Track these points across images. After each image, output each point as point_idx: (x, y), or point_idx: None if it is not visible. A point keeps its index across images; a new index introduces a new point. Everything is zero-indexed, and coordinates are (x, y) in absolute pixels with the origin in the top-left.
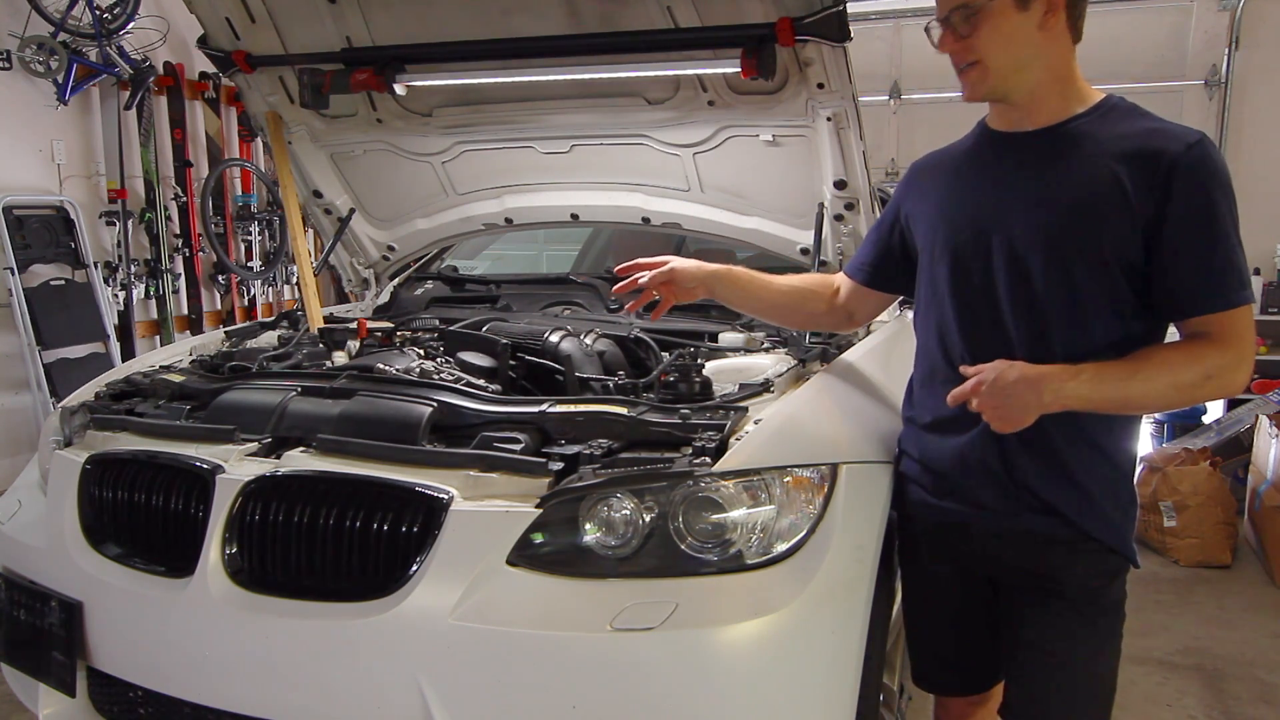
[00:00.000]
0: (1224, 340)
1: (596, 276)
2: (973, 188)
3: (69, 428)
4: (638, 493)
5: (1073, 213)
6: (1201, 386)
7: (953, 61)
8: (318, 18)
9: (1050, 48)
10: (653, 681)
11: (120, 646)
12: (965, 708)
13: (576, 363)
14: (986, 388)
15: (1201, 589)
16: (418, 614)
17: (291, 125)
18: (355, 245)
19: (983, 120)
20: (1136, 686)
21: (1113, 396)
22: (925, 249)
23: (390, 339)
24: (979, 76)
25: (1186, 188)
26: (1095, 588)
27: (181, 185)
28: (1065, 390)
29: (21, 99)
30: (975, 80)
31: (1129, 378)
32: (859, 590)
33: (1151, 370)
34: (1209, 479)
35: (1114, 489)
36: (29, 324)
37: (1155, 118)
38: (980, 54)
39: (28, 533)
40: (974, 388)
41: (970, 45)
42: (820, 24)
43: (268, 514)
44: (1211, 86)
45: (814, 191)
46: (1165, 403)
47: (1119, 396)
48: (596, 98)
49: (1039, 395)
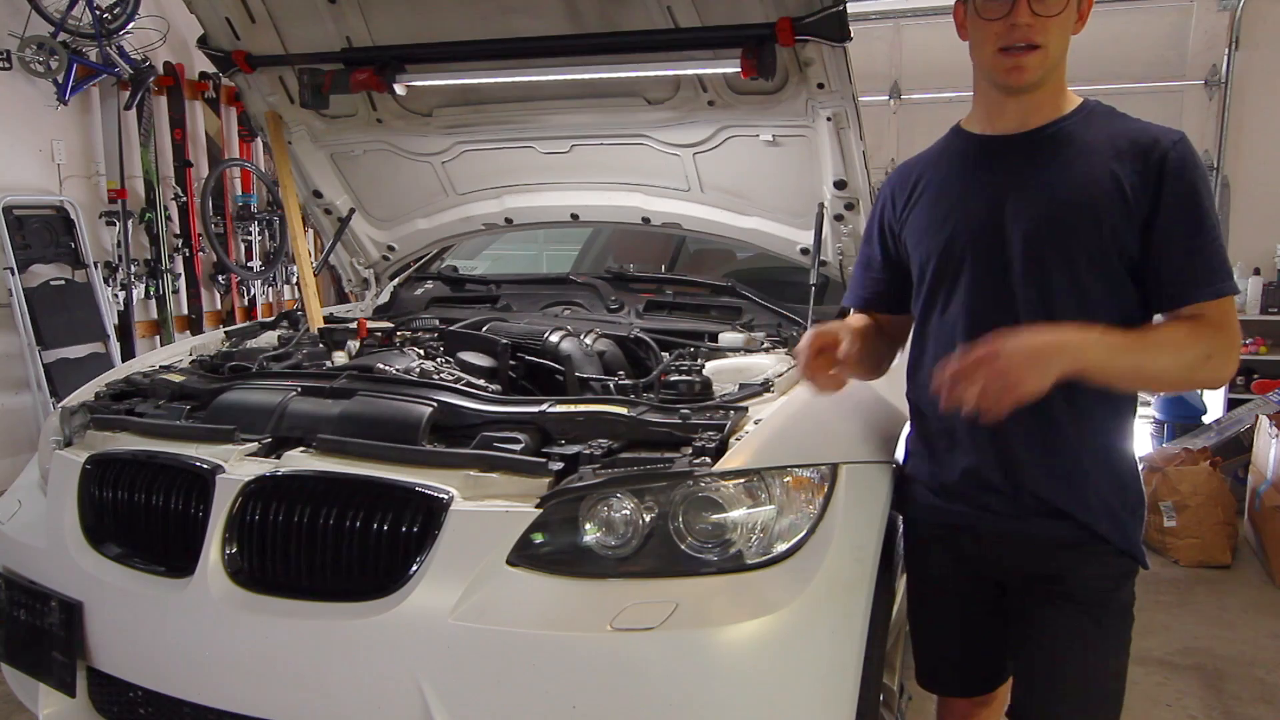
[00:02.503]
0: (1218, 326)
1: (596, 276)
2: (970, 192)
3: (69, 428)
4: (638, 493)
5: (1076, 211)
6: (1202, 366)
7: (1010, 37)
8: (318, 18)
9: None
10: (653, 681)
11: (120, 646)
12: (969, 708)
13: (576, 363)
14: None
15: (1201, 589)
16: (418, 614)
17: (291, 125)
18: (355, 245)
19: (957, 126)
20: (1136, 686)
21: (1127, 365)
22: (921, 260)
23: (390, 339)
24: (1039, 60)
25: (1176, 182)
26: (1104, 590)
27: (181, 185)
28: (1085, 351)
29: (21, 99)
30: (1035, 64)
31: (1140, 349)
32: (859, 590)
33: (1159, 343)
34: (1209, 479)
35: (1121, 490)
36: (29, 324)
37: (1133, 119)
38: (1050, 38)
39: (28, 533)
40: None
41: (1045, 26)
42: (820, 24)
43: (268, 514)
44: (1211, 86)
45: (814, 191)
46: (1168, 379)
47: (1131, 365)
48: (596, 98)
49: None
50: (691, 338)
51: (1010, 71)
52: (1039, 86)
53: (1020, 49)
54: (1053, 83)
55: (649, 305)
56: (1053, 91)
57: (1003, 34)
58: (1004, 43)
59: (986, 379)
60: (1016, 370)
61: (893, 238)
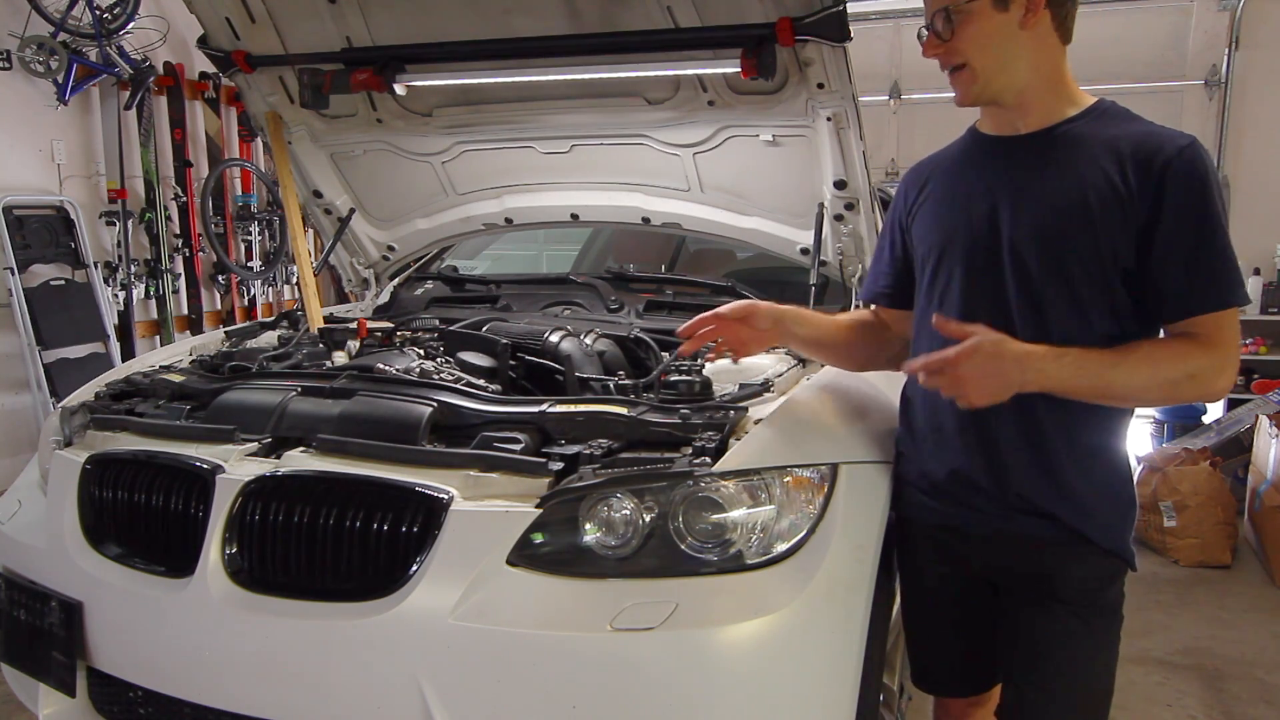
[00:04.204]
0: (1210, 343)
1: (596, 277)
2: (969, 193)
3: (69, 428)
4: (638, 493)
5: (1070, 215)
6: (1182, 385)
7: (940, 66)
8: (318, 18)
9: (1036, 48)
10: (653, 681)
11: (120, 646)
12: (965, 708)
13: (576, 363)
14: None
15: (1201, 589)
16: (418, 614)
17: (291, 125)
18: (355, 245)
19: (973, 126)
20: (1136, 686)
21: (1094, 383)
22: (923, 256)
23: (390, 339)
24: (967, 79)
25: (1179, 190)
26: (1092, 590)
27: (181, 185)
28: (1048, 370)
29: (21, 99)
30: (964, 83)
31: (1111, 367)
32: (859, 590)
33: (1134, 362)
34: (1209, 479)
35: (1111, 491)
36: (29, 324)
37: (1146, 121)
38: (964, 56)
39: (28, 533)
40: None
41: (953, 48)
42: (820, 24)
43: (268, 514)
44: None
45: (814, 191)
46: (1145, 397)
47: (1100, 384)
48: (596, 98)
49: (1021, 371)
50: None
51: (956, 93)
52: (998, 99)
53: (951, 72)
54: (1036, 87)
55: (649, 305)
56: (1043, 93)
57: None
58: (942, 69)
59: (945, 382)
60: (973, 380)
61: (903, 234)
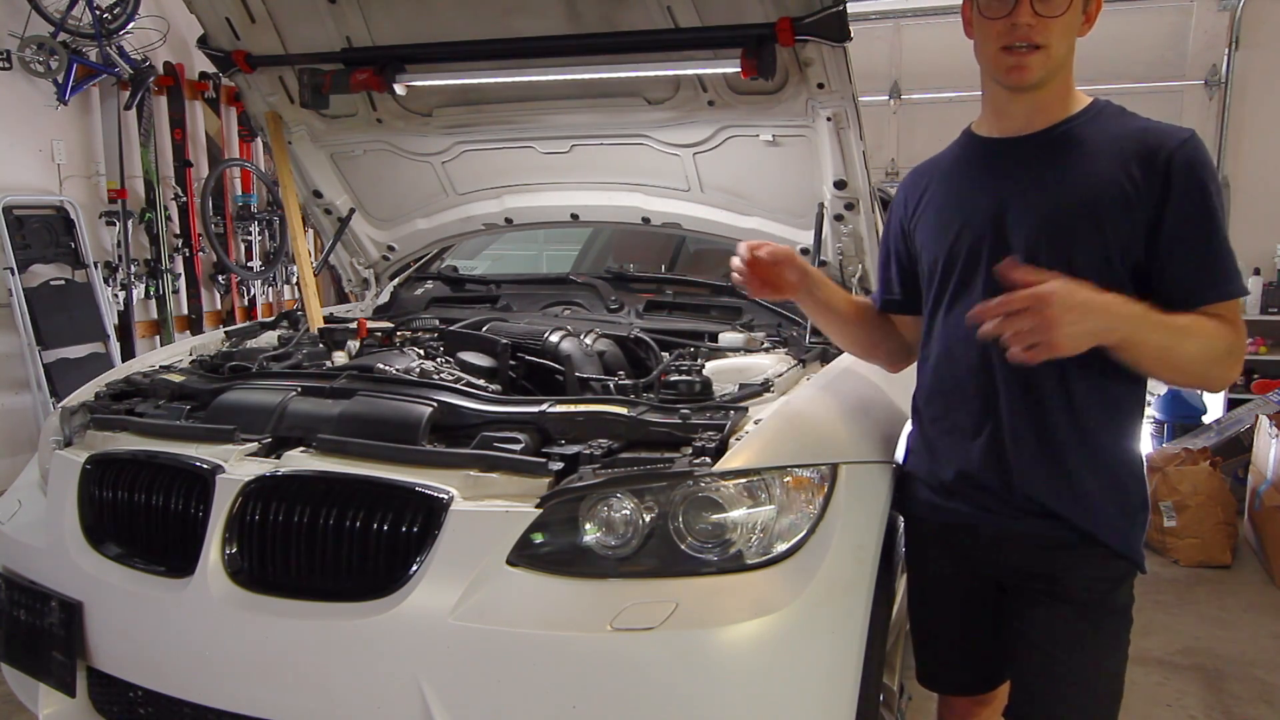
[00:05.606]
0: (1233, 325)
1: (596, 277)
2: (973, 197)
3: (69, 428)
4: (638, 493)
5: (1077, 214)
6: (1222, 361)
7: (1011, 36)
8: (318, 18)
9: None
10: (653, 681)
11: (120, 646)
12: (970, 707)
13: (576, 363)
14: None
15: (1201, 589)
16: (418, 614)
17: (291, 125)
18: (355, 245)
19: (968, 129)
20: (1136, 686)
21: (1157, 343)
22: (930, 261)
23: (390, 339)
24: (1042, 60)
25: (1184, 183)
26: (1101, 592)
27: (181, 185)
28: (1124, 324)
29: (21, 99)
30: (1037, 64)
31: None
32: (859, 590)
33: (1189, 331)
34: (1209, 479)
35: (1121, 493)
36: (29, 324)
37: (1143, 118)
38: (1052, 38)
39: (28, 533)
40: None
41: (1047, 26)
42: (820, 24)
43: (268, 514)
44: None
45: (814, 191)
46: (1191, 369)
47: (1162, 345)
48: (596, 98)
49: (1109, 317)
50: (691, 338)
51: (1011, 71)
52: (1042, 86)
53: (1022, 48)
54: (1058, 83)
55: (649, 305)
56: (1059, 92)
57: (1005, 32)
58: (1006, 41)
59: (1032, 322)
60: (1062, 322)
61: (907, 241)
